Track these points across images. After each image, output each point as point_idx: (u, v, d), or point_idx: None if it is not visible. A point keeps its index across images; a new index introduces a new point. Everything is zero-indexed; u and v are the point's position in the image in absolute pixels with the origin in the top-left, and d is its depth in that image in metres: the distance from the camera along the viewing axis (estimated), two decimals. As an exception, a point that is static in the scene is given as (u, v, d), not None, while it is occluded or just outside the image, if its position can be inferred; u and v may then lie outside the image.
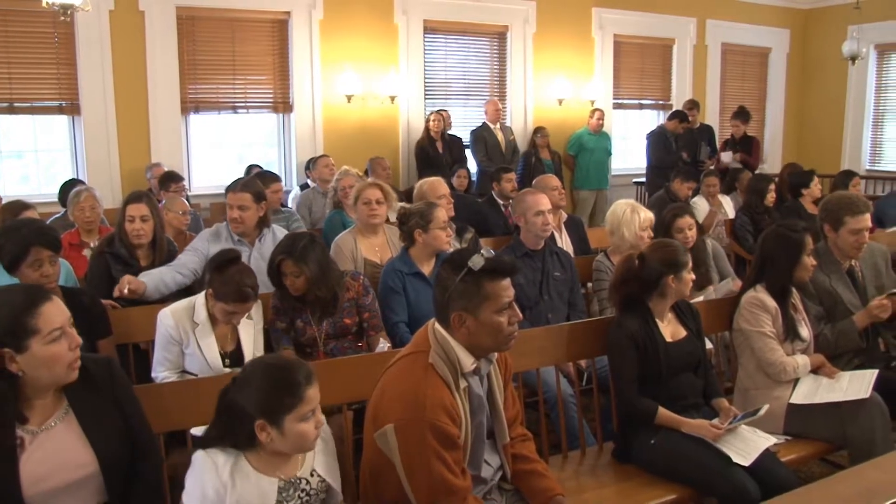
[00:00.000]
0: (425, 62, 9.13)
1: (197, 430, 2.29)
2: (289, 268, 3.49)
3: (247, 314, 3.33)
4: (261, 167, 7.35)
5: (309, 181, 7.56)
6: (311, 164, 7.52)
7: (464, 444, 2.37)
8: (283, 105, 8.41)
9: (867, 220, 3.88)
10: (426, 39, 9.09)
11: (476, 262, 2.31)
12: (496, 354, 2.51)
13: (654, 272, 3.20)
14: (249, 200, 4.12)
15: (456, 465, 2.28)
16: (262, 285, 3.90)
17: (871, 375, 3.44)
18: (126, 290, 3.66)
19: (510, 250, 4.27)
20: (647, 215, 4.51)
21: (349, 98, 8.51)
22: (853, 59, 10.07)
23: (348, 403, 3.06)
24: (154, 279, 3.84)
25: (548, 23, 9.79)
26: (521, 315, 2.43)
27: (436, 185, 4.89)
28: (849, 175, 7.12)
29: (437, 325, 2.41)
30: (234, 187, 4.18)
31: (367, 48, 8.65)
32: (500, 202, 6.27)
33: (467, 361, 2.37)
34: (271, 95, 8.35)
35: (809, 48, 12.41)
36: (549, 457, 3.24)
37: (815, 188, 6.59)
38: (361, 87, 8.56)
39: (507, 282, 2.37)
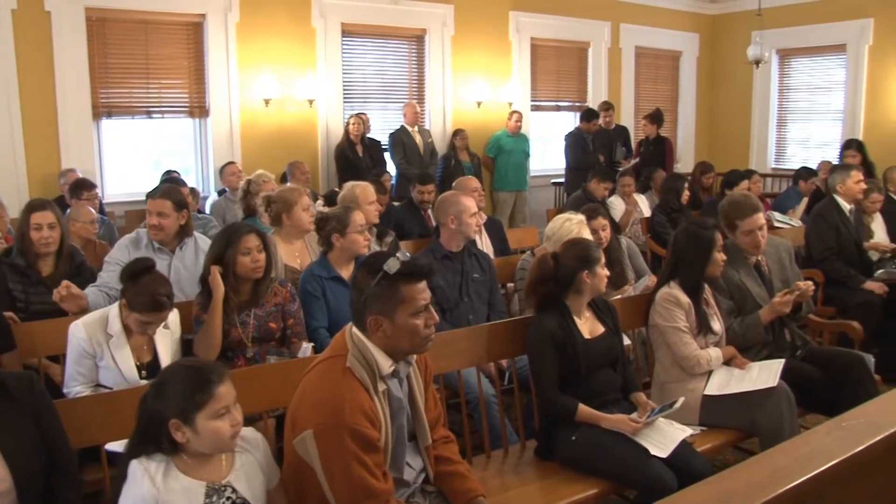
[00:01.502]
0: (343, 65, 9.06)
1: (113, 446, 2.25)
2: (253, 241, 3.49)
3: (163, 324, 3.27)
4: (178, 173, 7.20)
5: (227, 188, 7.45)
6: (221, 171, 7.42)
7: (384, 447, 2.37)
8: (199, 109, 8.23)
9: (757, 219, 4.01)
10: (344, 42, 9.02)
11: (391, 265, 2.32)
12: (415, 357, 2.52)
13: (568, 270, 3.26)
14: (170, 208, 4.03)
15: (377, 469, 2.28)
16: (182, 294, 3.84)
17: (778, 365, 3.59)
18: (64, 292, 3.55)
19: (429, 252, 4.29)
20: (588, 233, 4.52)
21: (267, 102, 8.38)
22: (757, 62, 10.43)
23: (271, 410, 3.03)
24: (91, 303, 3.72)
25: (466, 26, 9.85)
26: (437, 318, 2.45)
27: (368, 190, 4.84)
28: (739, 175, 7.35)
29: (355, 329, 2.41)
30: (154, 194, 4.12)
31: (284, 51, 8.54)
32: (419, 206, 6.29)
33: (385, 364, 2.37)
34: (187, 99, 8.17)
35: (717, 52, 12.82)
36: (472, 457, 3.25)
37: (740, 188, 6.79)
38: (279, 90, 8.45)
39: (422, 284, 2.39)
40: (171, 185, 4.65)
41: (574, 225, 4.35)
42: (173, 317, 3.39)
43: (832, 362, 3.84)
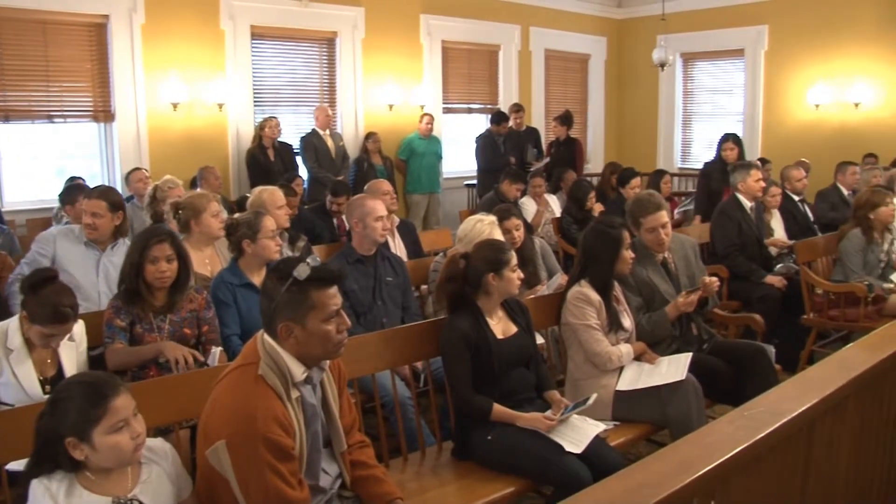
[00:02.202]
0: (253, 69, 8.91)
1: (14, 465, 2.17)
2: (164, 251, 3.40)
3: (67, 336, 3.15)
4: (82, 180, 6.94)
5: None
6: (126, 178, 7.21)
7: (299, 454, 2.34)
8: (104, 114, 7.95)
9: (660, 217, 4.12)
10: (254, 45, 8.87)
11: (301, 271, 2.30)
12: (328, 362, 2.50)
13: (476, 271, 3.29)
14: (105, 209, 4.07)
15: (292, 477, 2.25)
16: (109, 291, 3.76)
17: (686, 359, 3.70)
18: None
19: (341, 257, 4.26)
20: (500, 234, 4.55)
21: (175, 106, 8.16)
22: (662, 65, 10.75)
23: (186, 420, 2.96)
24: None
25: (377, 29, 9.82)
26: (349, 322, 2.43)
27: (276, 194, 4.77)
28: (630, 173, 7.58)
29: (266, 336, 2.37)
30: (90, 194, 4.15)
31: (192, 54, 8.34)
32: (333, 210, 6.24)
33: (298, 371, 2.34)
34: (91, 103, 7.87)
35: (624, 55, 13.15)
36: (389, 460, 3.24)
37: (631, 190, 6.98)
38: (188, 94, 8.24)
39: (333, 290, 2.37)
40: (108, 186, 4.59)
41: (486, 226, 4.37)
42: (78, 328, 3.27)
43: (736, 354, 3.97)
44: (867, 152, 9.63)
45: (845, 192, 7.29)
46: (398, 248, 5.25)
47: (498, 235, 4.36)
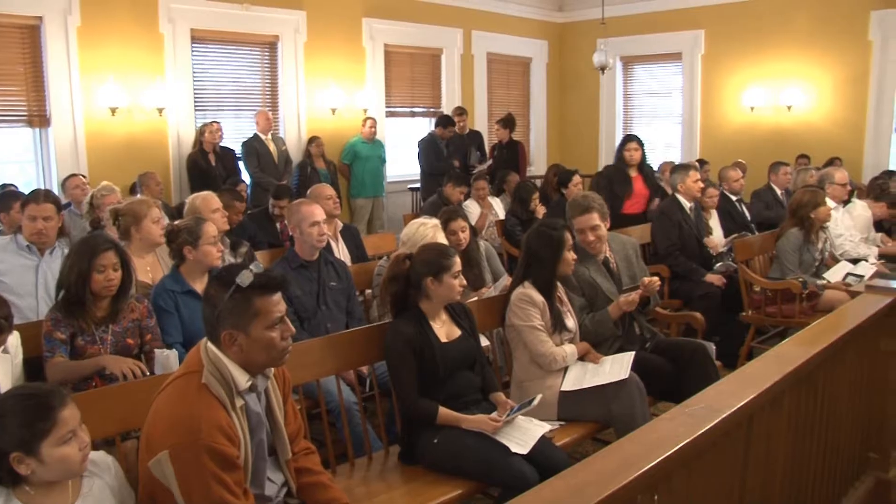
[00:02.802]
0: (194, 73, 8.76)
1: None
2: (110, 259, 3.34)
3: (2, 348, 3.06)
4: (15, 187, 6.76)
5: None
6: (63, 185, 7.04)
7: (244, 463, 2.31)
8: (38, 119, 7.72)
9: (591, 218, 4.18)
10: (194, 49, 8.72)
11: (244, 278, 2.27)
12: (273, 369, 2.48)
13: (417, 273, 3.30)
14: (53, 211, 4.12)
15: (237, 487, 2.23)
16: (48, 298, 3.78)
17: (629, 357, 3.75)
18: None
19: (284, 262, 4.22)
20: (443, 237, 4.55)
21: (113, 111, 7.97)
22: (603, 69, 10.90)
23: (134, 430, 2.88)
24: None
25: (319, 32, 9.76)
26: (293, 329, 2.42)
27: (209, 199, 4.73)
28: (569, 173, 7.65)
29: (209, 344, 2.34)
30: (36, 199, 4.15)
31: (131, 58, 8.16)
32: (276, 214, 6.18)
33: (242, 379, 2.32)
34: (24, 108, 7.63)
35: (565, 59, 13.30)
36: (336, 466, 3.23)
37: (574, 188, 7.06)
38: (126, 98, 8.05)
39: (277, 296, 2.35)
40: (46, 189, 4.52)
41: (429, 229, 4.38)
42: (13, 339, 3.19)
43: (678, 352, 4.04)
44: (800, 153, 9.92)
45: (779, 191, 7.50)
46: (342, 252, 5.22)
47: (441, 239, 4.37)
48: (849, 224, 6.47)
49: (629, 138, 7.26)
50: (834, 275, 5.59)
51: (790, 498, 2.76)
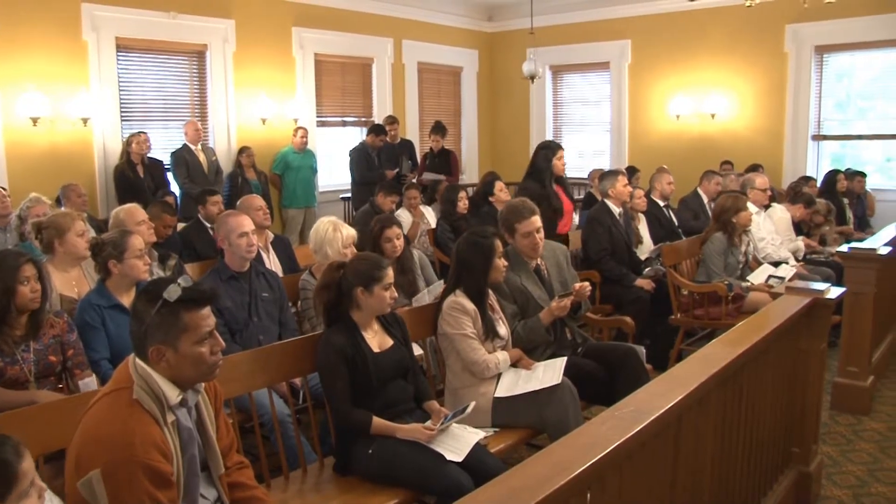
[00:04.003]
0: (120, 82, 8.57)
1: None
2: (31, 270, 3.27)
3: None
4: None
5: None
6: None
7: (177, 481, 2.26)
8: (-47, 129, 7.48)
9: (534, 222, 4.24)
10: (119, 58, 8.54)
11: (172, 292, 2.23)
12: (203, 384, 2.44)
13: (348, 283, 3.29)
14: None
15: (171, 505, 2.18)
16: None
17: (561, 363, 3.79)
18: None
19: (215, 274, 4.15)
20: (349, 232, 4.62)
21: (35, 121, 7.73)
22: (532, 78, 11.05)
23: (52, 453, 2.79)
24: None
25: (248, 41, 9.67)
26: (223, 343, 2.38)
27: (133, 211, 4.64)
28: (493, 178, 7.74)
29: (138, 360, 2.29)
30: None
31: (53, 66, 7.94)
32: (207, 225, 6.08)
33: (172, 394, 2.27)
34: (-61, 119, 7.41)
35: (496, 68, 13.44)
36: (270, 480, 3.18)
37: (501, 193, 7.12)
38: (49, 108, 7.82)
39: (206, 310, 2.31)
40: None
41: (327, 226, 4.56)
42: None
43: (609, 356, 4.09)
44: (724, 160, 10.20)
45: (706, 199, 7.66)
46: (273, 263, 5.17)
47: (340, 235, 4.50)
48: (770, 228, 6.69)
49: (557, 146, 6.41)
50: (757, 277, 5.76)
51: (718, 494, 2.84)
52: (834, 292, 3.72)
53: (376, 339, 3.33)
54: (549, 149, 6.01)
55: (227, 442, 2.56)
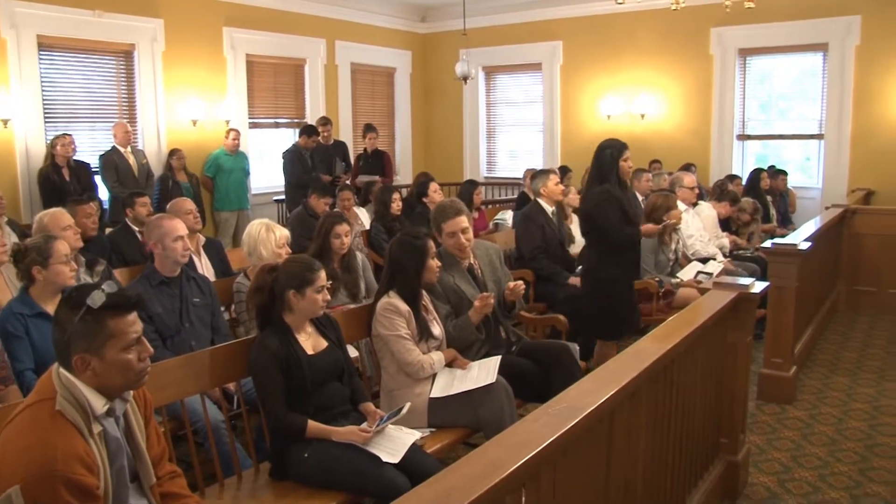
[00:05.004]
0: (43, 82, 8.29)
1: None
2: None
3: None
4: None
5: None
6: None
7: (104, 493, 2.20)
8: None
9: (460, 222, 4.25)
10: (42, 57, 8.26)
11: (96, 298, 2.17)
12: (132, 392, 2.38)
13: (280, 286, 3.26)
14: None
15: (96, 519, 2.13)
16: None
17: (495, 362, 3.82)
18: None
19: (144, 280, 4.06)
20: (282, 232, 4.59)
21: (-51, 122, 7.50)
22: (465, 78, 11.10)
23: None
24: None
25: (177, 41, 9.48)
26: (151, 349, 2.33)
27: (58, 216, 4.51)
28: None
29: (62, 369, 2.22)
30: None
31: (-32, 66, 7.69)
32: (136, 229, 5.94)
33: (98, 404, 2.21)
34: None
35: (429, 69, 13.45)
36: (205, 488, 3.13)
37: (434, 194, 7.15)
38: (-34, 109, 7.59)
39: (132, 316, 2.26)
40: None
41: (259, 228, 4.55)
42: None
43: (543, 354, 4.15)
44: (653, 159, 10.41)
45: (640, 197, 7.80)
46: (205, 267, 5.09)
47: (273, 236, 4.49)
48: (699, 225, 6.85)
49: (623, 145, 5.38)
50: (686, 274, 5.90)
51: (651, 486, 2.90)
52: (758, 287, 3.83)
53: (310, 342, 3.31)
54: (615, 148, 5.21)
55: (157, 451, 2.51)
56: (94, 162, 8.37)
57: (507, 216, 8.17)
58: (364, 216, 7.71)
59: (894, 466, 4.16)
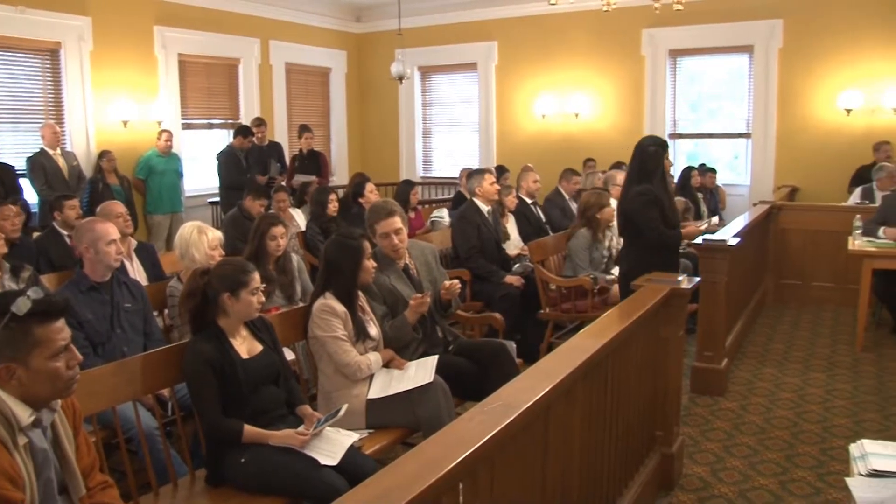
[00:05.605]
0: (-39, 82, 8.07)
1: None
2: None
3: None
4: None
5: None
6: None
7: (31, 508, 2.15)
8: None
9: (393, 223, 4.25)
10: (-40, 55, 8.04)
11: (21, 305, 2.11)
12: (59, 401, 2.32)
13: (213, 289, 3.22)
14: None
15: (23, 535, 2.07)
16: None
17: (432, 361, 3.84)
18: None
19: (73, 285, 3.93)
20: (214, 234, 4.52)
21: None
22: (401, 78, 11.10)
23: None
24: None
25: (106, 40, 9.26)
26: (80, 357, 2.28)
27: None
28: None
29: (-14, 379, 2.16)
30: None
31: None
32: (64, 233, 5.78)
33: (24, 415, 2.15)
34: None
35: (364, 69, 13.41)
36: (139, 498, 3.06)
37: (370, 195, 7.14)
38: None
39: (60, 323, 2.21)
40: None
41: (191, 231, 4.48)
42: None
43: (480, 352, 4.17)
44: (587, 157, 10.56)
45: (567, 196, 7.92)
46: (137, 271, 4.98)
47: (205, 238, 4.44)
48: (632, 223, 6.95)
49: (665, 143, 5.13)
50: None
51: (588, 481, 2.94)
52: (689, 282, 3.92)
53: (245, 346, 3.27)
54: (660, 145, 4.99)
55: (87, 461, 2.45)
56: (19, 164, 8.11)
57: (444, 214, 8.20)
58: (300, 217, 7.65)
59: (818, 452, 4.32)
